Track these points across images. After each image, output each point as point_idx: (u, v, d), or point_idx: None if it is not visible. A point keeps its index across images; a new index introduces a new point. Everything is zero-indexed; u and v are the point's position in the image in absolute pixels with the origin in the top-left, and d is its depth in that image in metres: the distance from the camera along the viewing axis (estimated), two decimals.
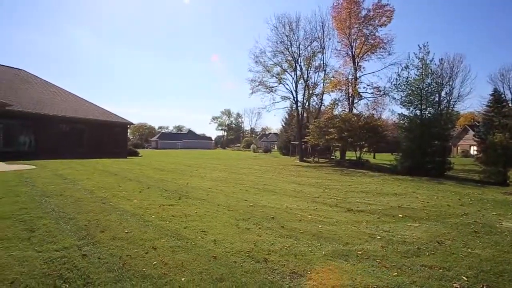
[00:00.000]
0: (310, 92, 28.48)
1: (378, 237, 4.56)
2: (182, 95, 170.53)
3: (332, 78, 26.92)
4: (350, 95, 26.23)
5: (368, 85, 25.45)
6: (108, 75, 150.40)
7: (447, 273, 3.32)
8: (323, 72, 28.51)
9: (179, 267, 3.21)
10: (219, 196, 7.60)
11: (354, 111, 25.59)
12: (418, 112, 17.52)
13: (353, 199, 7.96)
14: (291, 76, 28.47)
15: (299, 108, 29.12)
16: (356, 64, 26.11)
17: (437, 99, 18.17)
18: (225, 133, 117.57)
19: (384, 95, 24.88)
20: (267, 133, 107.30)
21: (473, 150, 43.67)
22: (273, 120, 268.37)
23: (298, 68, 28.05)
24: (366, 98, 26.18)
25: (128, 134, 32.28)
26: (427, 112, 17.43)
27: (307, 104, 29.94)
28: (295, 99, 28.45)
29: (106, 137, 23.98)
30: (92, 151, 22.08)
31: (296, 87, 28.24)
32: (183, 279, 2.94)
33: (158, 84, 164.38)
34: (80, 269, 3.04)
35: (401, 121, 18.73)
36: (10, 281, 2.75)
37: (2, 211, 5.10)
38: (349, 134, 20.22)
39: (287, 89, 28.68)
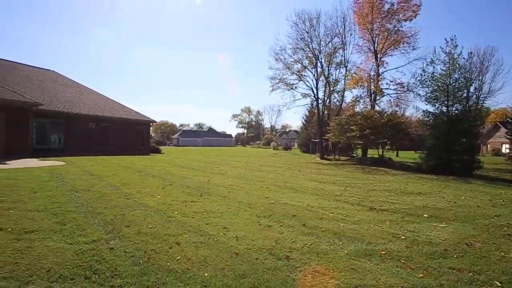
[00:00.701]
0: (331, 89, 28.02)
1: (402, 237, 4.45)
2: (203, 93, 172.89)
3: (353, 75, 26.36)
4: (372, 91, 25.62)
5: (391, 81, 24.79)
6: (131, 74, 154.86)
7: (478, 277, 3.18)
8: (345, 68, 28.01)
9: (202, 262, 3.27)
10: (240, 193, 7.66)
11: (377, 108, 24.99)
12: (444, 108, 16.83)
13: (375, 198, 7.79)
14: (312, 73, 28.15)
15: (320, 105, 28.74)
16: (379, 59, 25.44)
17: (465, 94, 17.31)
18: (245, 131, 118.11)
19: (408, 92, 24.16)
20: (287, 130, 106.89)
21: (505, 148, 41.60)
22: (293, 118, 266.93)
23: (319, 64, 27.68)
24: (388, 94, 25.52)
25: (151, 131, 33.08)
26: (454, 109, 16.71)
27: (328, 101, 29.50)
28: (316, 96, 28.12)
29: (130, 135, 24.71)
30: (117, 148, 22.86)
31: (317, 84, 27.89)
32: (206, 274, 2.99)
33: (179, 82, 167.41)
34: (108, 261, 3.16)
35: (426, 118, 18.07)
36: (46, 270, 2.91)
37: (37, 205, 5.38)
38: (371, 131, 19.76)
39: (307, 86, 28.40)
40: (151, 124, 28.99)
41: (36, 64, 26.39)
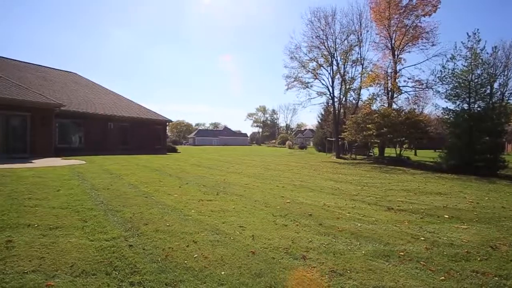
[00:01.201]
0: (347, 87, 27.64)
1: (422, 238, 4.34)
2: (218, 92, 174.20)
3: (370, 72, 25.89)
4: (389, 89, 25.07)
5: (409, 79, 24.18)
6: (147, 74, 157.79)
7: (505, 282, 3.04)
8: (361, 66, 27.56)
9: (219, 261, 3.30)
10: (256, 192, 7.68)
11: (394, 106, 24.43)
12: (465, 105, 16.26)
13: (393, 198, 7.64)
14: (327, 71, 27.83)
15: (336, 104, 28.40)
16: (396, 56, 24.86)
17: (488, 91, 16.62)
18: (261, 130, 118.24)
19: (427, 89, 23.47)
20: (302, 129, 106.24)
21: None
22: (309, 116, 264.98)
23: (335, 62, 27.34)
24: (406, 92, 24.89)
25: (167, 131, 33.60)
26: (476, 106, 16.12)
27: (343, 99, 29.11)
28: (332, 94, 27.79)
29: (147, 134, 25.20)
30: (135, 147, 23.37)
31: (333, 82, 27.58)
32: (223, 272, 3.02)
33: (195, 82, 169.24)
34: (128, 258, 3.23)
35: (446, 116, 17.51)
36: (70, 265, 3.01)
37: (61, 202, 5.58)
38: (388, 130, 19.35)
39: (323, 84, 28.10)
40: (167, 123, 29.47)
41: (56, 66, 27.28)
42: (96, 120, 21.23)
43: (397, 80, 24.03)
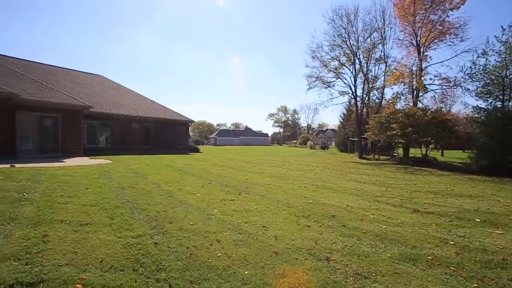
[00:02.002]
0: (370, 86, 27.01)
1: (451, 243, 4.16)
2: (240, 92, 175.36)
3: (394, 71, 25.08)
4: (414, 87, 24.16)
5: (435, 76, 23.16)
6: (170, 75, 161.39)
7: None
8: (384, 64, 26.80)
9: (242, 260, 3.31)
10: (278, 193, 7.66)
11: (419, 105, 23.51)
12: (499, 103, 15.46)
13: (419, 200, 7.39)
14: (350, 70, 27.34)
15: (358, 103, 27.79)
16: (421, 54, 23.92)
17: None
18: (282, 130, 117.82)
19: (455, 87, 22.41)
20: (324, 129, 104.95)
21: None
22: (331, 116, 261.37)
23: (357, 61, 26.81)
24: (432, 90, 23.86)
25: (189, 131, 34.18)
26: (511, 104, 15.29)
27: (366, 98, 28.43)
28: (354, 93, 27.24)
29: (170, 134, 25.74)
30: (158, 147, 23.95)
31: (355, 81, 27.03)
32: (246, 272, 3.03)
33: (217, 82, 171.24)
34: (153, 255, 3.31)
35: (476, 115, 16.71)
36: (99, 260, 3.13)
37: (90, 199, 5.81)
38: (413, 129, 18.70)
39: (345, 83, 27.66)
40: (189, 123, 29.96)
41: (83, 69, 28.45)
42: (121, 120, 21.94)
43: (422, 78, 23.10)
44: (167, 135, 25.45)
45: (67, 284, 2.61)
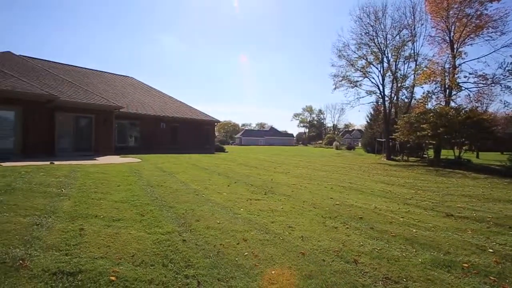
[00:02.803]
0: (399, 85, 26.06)
1: (490, 250, 3.93)
2: (265, 92, 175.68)
3: (424, 69, 24.01)
4: (446, 86, 22.99)
5: (470, 74, 21.81)
6: (196, 75, 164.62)
7: None
8: (414, 62, 25.78)
9: (269, 260, 3.32)
10: (304, 193, 7.59)
11: (452, 104, 22.34)
12: None
13: (452, 203, 7.06)
14: (377, 69, 26.54)
15: (386, 103, 26.93)
16: (455, 50, 22.68)
17: None
18: (307, 130, 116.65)
19: (493, 84, 21.03)
20: (350, 129, 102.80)
21: None
22: (357, 116, 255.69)
23: (385, 59, 26.01)
24: (467, 89, 22.54)
25: (215, 131, 34.68)
26: None
27: (395, 98, 27.51)
28: (382, 93, 26.43)
29: (196, 134, 26.27)
30: (185, 146, 24.51)
31: (383, 80, 26.22)
32: (273, 272, 3.03)
33: (241, 82, 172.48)
34: (182, 252, 3.39)
35: None
36: (131, 255, 3.25)
37: (121, 196, 6.05)
38: (445, 130, 17.83)
39: (372, 83, 26.85)
40: (215, 123, 30.41)
41: (115, 71, 29.71)
42: (150, 120, 22.67)
43: (456, 76, 21.92)
44: (193, 134, 25.99)
45: (102, 275, 2.73)
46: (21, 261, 2.92)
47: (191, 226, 4.35)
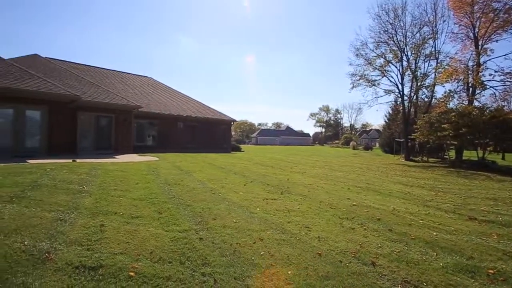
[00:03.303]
0: (419, 84, 25.30)
1: None
2: (281, 92, 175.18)
3: (446, 67, 23.18)
4: (470, 85, 22.12)
5: (496, 71, 20.91)
6: (210, 74, 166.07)
7: None
8: (435, 60, 24.96)
9: (285, 260, 3.31)
10: (321, 193, 7.52)
11: (476, 103, 21.48)
12: None
13: (476, 206, 6.80)
14: (396, 67, 25.91)
15: (405, 102, 26.27)
16: (480, 47, 21.79)
17: None
18: (323, 130, 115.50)
19: None
20: (367, 129, 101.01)
21: None
22: (375, 116, 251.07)
23: (405, 58, 25.35)
24: (492, 87, 21.60)
25: (231, 130, 34.86)
26: None
27: (414, 97, 26.74)
28: (401, 92, 25.79)
29: (213, 133, 26.51)
30: (201, 145, 24.79)
31: (402, 79, 25.57)
32: (289, 272, 3.02)
33: (257, 81, 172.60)
34: (199, 250, 3.43)
35: None
36: (149, 251, 3.32)
37: (140, 194, 6.18)
38: (468, 130, 17.18)
39: (391, 82, 26.23)
40: (232, 123, 30.58)
41: (134, 71, 30.39)
42: (167, 120, 23.05)
43: (480, 74, 21.06)
44: (210, 134, 26.24)
45: (122, 271, 2.81)
46: (47, 254, 3.05)
47: (207, 225, 4.39)
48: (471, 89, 22.16)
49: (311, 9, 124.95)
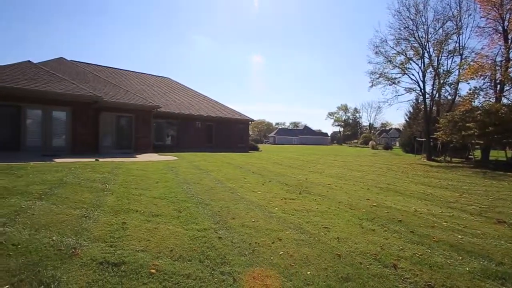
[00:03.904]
0: (441, 81, 24.34)
1: None
2: (299, 91, 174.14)
3: (471, 63, 22.19)
4: (497, 81, 21.12)
5: None
6: (228, 75, 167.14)
7: None
8: (459, 56, 23.98)
9: (304, 260, 3.28)
10: (340, 193, 7.42)
11: (504, 100, 20.50)
12: None
13: (504, 209, 6.50)
14: (417, 64, 25.08)
15: (427, 100, 25.39)
16: (510, 41, 20.81)
17: None
18: (342, 129, 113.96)
19: None
20: (387, 128, 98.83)
21: None
22: (395, 115, 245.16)
23: (426, 55, 24.48)
24: None
25: (249, 130, 34.96)
26: None
27: (436, 95, 25.81)
28: (422, 90, 24.93)
29: (231, 133, 26.69)
30: (219, 145, 25.02)
31: (424, 76, 24.71)
32: (308, 272, 2.99)
33: (275, 81, 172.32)
34: (218, 249, 3.46)
35: None
36: (170, 249, 3.38)
37: (160, 193, 6.31)
38: (495, 129, 16.43)
39: (412, 79, 25.41)
40: (249, 122, 30.67)
41: (152, 71, 31.02)
42: (186, 119, 23.40)
43: (509, 70, 20.10)
44: (228, 133, 26.43)
45: (143, 268, 2.87)
46: (73, 250, 3.17)
47: (226, 224, 4.42)
48: (499, 86, 21.14)
49: (330, 8, 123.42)
